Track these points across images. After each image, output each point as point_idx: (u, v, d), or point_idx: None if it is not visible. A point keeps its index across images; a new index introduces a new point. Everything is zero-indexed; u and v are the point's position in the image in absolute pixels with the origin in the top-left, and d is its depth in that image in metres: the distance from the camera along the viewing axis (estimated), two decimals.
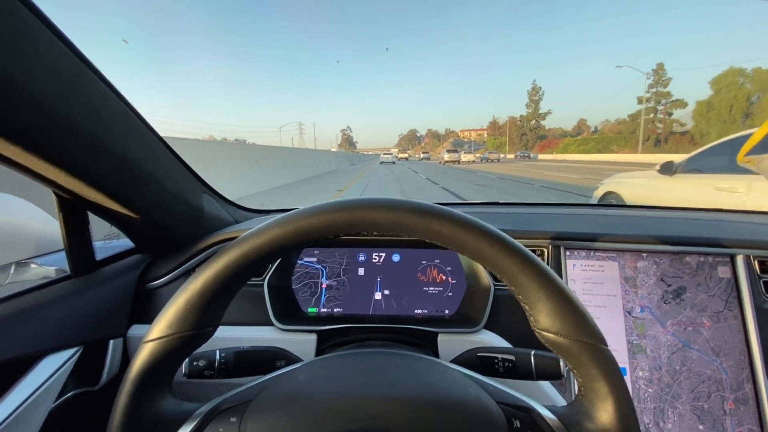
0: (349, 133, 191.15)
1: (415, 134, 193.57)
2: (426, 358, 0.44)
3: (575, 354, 0.35)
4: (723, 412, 0.70)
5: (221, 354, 0.51)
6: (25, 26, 0.40)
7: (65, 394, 0.62)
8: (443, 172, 22.37)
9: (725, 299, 0.74)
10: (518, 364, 0.53)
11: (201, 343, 0.38)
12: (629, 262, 0.77)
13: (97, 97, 0.51)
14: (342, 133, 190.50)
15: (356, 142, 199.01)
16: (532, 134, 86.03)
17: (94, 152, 0.53)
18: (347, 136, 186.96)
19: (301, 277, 0.82)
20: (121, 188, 0.60)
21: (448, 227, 0.35)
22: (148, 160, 0.63)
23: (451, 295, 0.80)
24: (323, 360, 0.44)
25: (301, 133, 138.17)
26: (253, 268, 0.37)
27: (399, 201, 0.36)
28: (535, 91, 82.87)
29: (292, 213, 0.37)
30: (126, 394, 0.35)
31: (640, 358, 0.73)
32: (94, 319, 0.66)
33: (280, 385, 0.40)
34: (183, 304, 0.36)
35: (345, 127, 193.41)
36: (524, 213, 0.98)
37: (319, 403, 0.37)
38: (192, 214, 0.80)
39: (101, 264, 0.74)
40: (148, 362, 0.35)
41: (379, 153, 62.93)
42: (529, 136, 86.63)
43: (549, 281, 0.35)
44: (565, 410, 0.38)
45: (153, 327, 0.36)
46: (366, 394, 0.37)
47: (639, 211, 1.00)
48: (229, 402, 0.39)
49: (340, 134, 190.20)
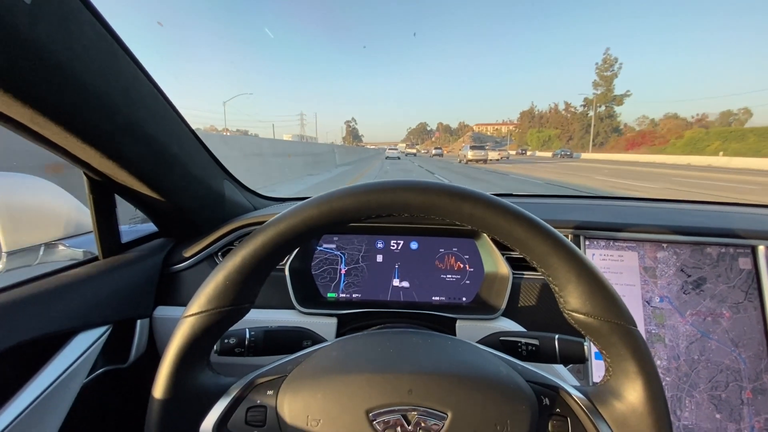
0: (353, 125, 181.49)
1: (425, 128, 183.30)
2: (456, 338, 0.45)
3: (605, 335, 0.35)
4: (740, 401, 0.70)
5: (251, 333, 0.53)
6: (70, 10, 0.41)
7: (96, 370, 0.64)
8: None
9: (745, 290, 0.74)
10: (542, 348, 0.54)
11: (238, 319, 0.39)
12: (649, 253, 0.77)
13: (132, 81, 0.52)
14: (346, 125, 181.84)
15: (362, 136, 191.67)
16: (605, 125, 58.06)
17: (127, 133, 0.54)
18: (352, 129, 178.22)
19: (321, 263, 0.83)
20: (150, 171, 0.62)
21: (479, 209, 0.36)
22: (175, 144, 0.64)
23: (468, 282, 0.81)
24: (354, 338, 0.45)
25: (302, 124, 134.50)
26: (288, 247, 0.38)
27: (431, 183, 0.37)
28: (608, 65, 56.72)
29: (327, 194, 0.37)
30: (167, 366, 0.36)
31: (659, 348, 0.73)
32: (122, 300, 0.68)
33: (314, 360, 0.41)
34: (222, 280, 0.37)
35: (350, 119, 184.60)
36: (544, 203, 0.98)
37: (354, 378, 0.38)
38: (214, 199, 0.81)
39: (127, 247, 0.75)
40: (188, 336, 0.37)
41: (386, 147, 54.45)
42: (600, 127, 58.83)
43: (579, 263, 0.35)
44: (593, 389, 0.39)
45: (192, 302, 0.37)
46: (400, 369, 0.38)
47: (659, 203, 0.99)
48: (265, 376, 0.40)
49: (344, 126, 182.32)
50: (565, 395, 0.39)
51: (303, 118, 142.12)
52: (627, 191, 10.07)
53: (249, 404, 0.39)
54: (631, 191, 10.06)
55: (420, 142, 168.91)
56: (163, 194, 0.68)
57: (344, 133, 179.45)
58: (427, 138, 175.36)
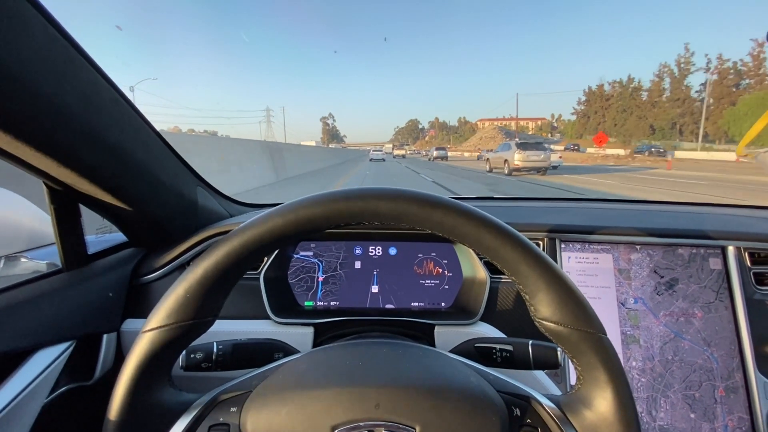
0: (332, 122, 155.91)
1: (416, 126, 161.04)
2: (426, 348, 0.45)
3: (575, 343, 0.35)
4: (714, 400, 0.71)
5: (218, 346, 0.51)
6: (18, 12, 0.39)
7: (58, 389, 0.61)
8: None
9: (716, 290, 0.75)
10: (516, 354, 0.54)
11: (201, 333, 0.38)
12: (623, 255, 0.78)
13: (90, 86, 0.50)
14: (322, 122, 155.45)
15: (344, 136, 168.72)
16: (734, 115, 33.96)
17: (86, 141, 0.52)
18: (330, 127, 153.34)
19: (298, 271, 0.82)
20: (114, 179, 0.60)
21: (450, 217, 0.35)
22: (140, 151, 0.62)
23: (447, 287, 0.80)
24: (324, 350, 0.44)
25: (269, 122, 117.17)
26: (253, 257, 0.37)
27: (401, 191, 0.36)
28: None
29: (293, 203, 0.36)
30: (124, 384, 0.35)
31: (634, 349, 0.74)
32: (87, 314, 0.65)
33: (281, 375, 0.40)
34: (182, 293, 0.35)
35: (326, 115, 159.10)
36: (520, 207, 0.99)
37: (321, 393, 0.36)
38: (186, 206, 0.79)
39: (93, 258, 0.73)
40: (147, 352, 0.35)
41: (370, 149, 48.77)
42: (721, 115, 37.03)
43: (549, 271, 0.35)
44: (565, 399, 0.39)
45: (152, 316, 0.35)
46: (368, 382, 0.37)
47: (633, 204, 1.01)
48: (229, 392, 0.39)
49: (321, 125, 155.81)
50: (536, 405, 0.39)
51: (270, 114, 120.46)
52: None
53: (211, 422, 0.37)
54: None
55: (411, 142, 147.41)
56: (131, 203, 0.65)
57: (321, 132, 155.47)
58: (420, 137, 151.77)
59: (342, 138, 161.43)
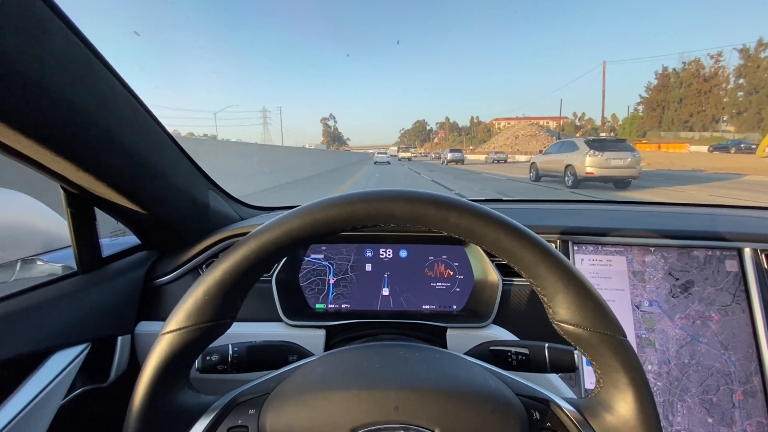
0: (332, 124, 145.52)
1: (423, 127, 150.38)
2: (443, 351, 0.44)
3: (595, 345, 0.35)
4: (732, 404, 0.70)
5: (234, 348, 0.51)
6: (39, 19, 0.40)
7: (74, 390, 0.61)
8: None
9: (733, 293, 0.74)
10: (532, 357, 0.53)
11: (219, 335, 0.38)
12: (637, 257, 0.77)
13: (108, 90, 0.51)
14: (323, 123, 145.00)
15: (348, 139, 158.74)
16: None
17: (104, 145, 0.52)
18: (331, 129, 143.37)
19: (309, 274, 0.82)
20: (130, 183, 0.60)
21: (466, 218, 0.35)
22: (155, 155, 0.63)
23: (458, 290, 0.80)
24: (341, 352, 0.43)
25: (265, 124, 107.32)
26: (271, 259, 0.37)
27: (417, 192, 0.36)
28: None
29: (310, 205, 0.36)
30: (144, 386, 0.35)
31: (649, 352, 0.73)
32: (101, 316, 0.66)
33: (299, 376, 0.40)
34: (202, 295, 0.35)
35: (327, 116, 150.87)
36: (532, 209, 0.98)
37: (340, 395, 0.36)
38: (198, 210, 0.79)
39: (108, 261, 0.73)
40: (166, 354, 0.35)
41: (375, 152, 47.62)
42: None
43: (568, 273, 0.35)
44: (585, 402, 0.38)
45: (171, 318, 0.36)
46: (387, 385, 0.37)
47: (646, 206, 1.00)
48: (248, 394, 0.39)
49: (321, 126, 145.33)
50: (556, 408, 0.38)
51: (266, 115, 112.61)
52: None
53: (230, 424, 0.37)
54: None
55: (419, 144, 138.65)
56: (145, 206, 0.66)
57: (322, 135, 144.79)
58: (427, 139, 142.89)
59: (345, 141, 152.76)
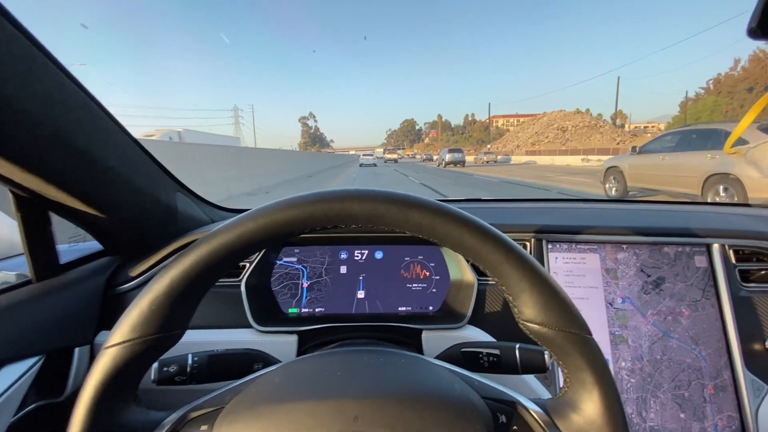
0: (313, 123, 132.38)
1: (412, 126, 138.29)
2: (409, 355, 0.43)
3: (560, 344, 0.34)
4: (703, 399, 0.71)
5: (194, 358, 0.49)
6: None
7: (26, 407, 0.58)
8: None
9: (702, 288, 0.75)
10: (503, 358, 0.52)
11: (168, 347, 0.36)
12: (610, 254, 0.77)
13: (55, 88, 0.48)
14: (302, 122, 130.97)
15: (331, 141, 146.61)
16: None
17: (53, 146, 0.49)
18: (311, 129, 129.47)
19: (281, 277, 0.79)
20: (84, 186, 0.57)
21: (428, 217, 0.34)
22: (113, 156, 0.60)
23: (435, 291, 0.79)
24: (301, 361, 0.42)
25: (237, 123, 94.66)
26: (223, 265, 0.35)
27: (377, 191, 0.35)
28: None
29: (264, 206, 0.35)
30: (85, 405, 0.33)
31: (622, 349, 0.73)
32: (57, 326, 0.62)
33: (255, 388, 0.38)
34: (147, 306, 0.33)
35: (306, 115, 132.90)
36: (507, 208, 0.98)
37: (296, 407, 0.35)
38: (164, 213, 0.76)
39: (66, 268, 0.70)
40: (109, 369, 0.33)
41: (360, 153, 46.48)
42: None
43: (533, 271, 0.34)
44: (551, 403, 0.38)
45: (114, 331, 0.33)
46: (346, 394, 0.35)
47: (619, 204, 1.01)
48: (200, 409, 0.37)
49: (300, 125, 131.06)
50: (523, 410, 0.37)
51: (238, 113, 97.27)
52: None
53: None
54: None
55: (408, 145, 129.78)
56: (104, 210, 0.63)
57: (301, 136, 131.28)
58: (417, 139, 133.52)
59: (329, 143, 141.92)
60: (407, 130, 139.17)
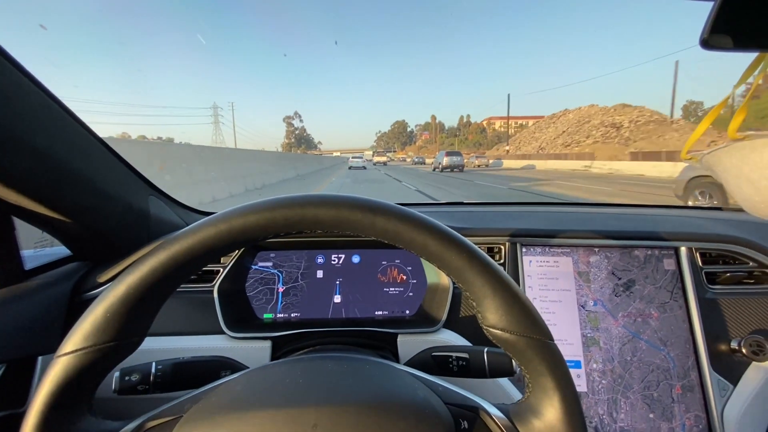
0: (297, 123, 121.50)
1: (404, 128, 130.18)
2: (374, 361, 0.43)
3: (522, 350, 0.34)
4: (671, 399, 0.72)
5: (157, 366, 0.48)
6: None
7: None
8: None
9: (671, 290, 0.77)
10: (472, 362, 0.53)
11: (125, 355, 0.35)
12: (582, 257, 0.79)
13: (10, 87, 0.46)
14: (286, 122, 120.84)
15: (319, 143, 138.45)
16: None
17: (9, 149, 0.48)
18: (296, 130, 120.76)
19: (256, 282, 0.79)
20: (46, 189, 0.55)
21: (393, 223, 0.34)
22: (77, 158, 0.58)
23: (411, 295, 0.79)
24: (264, 368, 0.41)
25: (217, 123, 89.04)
26: (184, 271, 0.34)
27: (342, 197, 0.35)
28: None
29: (227, 211, 0.34)
30: (35, 416, 0.32)
31: (594, 351, 0.74)
32: (19, 335, 0.60)
33: (215, 397, 0.37)
34: (102, 313, 0.32)
35: (291, 114, 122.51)
36: (484, 211, 0.99)
37: (256, 415, 0.34)
38: (135, 217, 0.75)
39: (31, 274, 0.68)
40: (61, 379, 0.32)
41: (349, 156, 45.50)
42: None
43: (495, 277, 0.34)
44: (514, 408, 0.38)
45: (67, 339, 0.32)
46: (306, 401, 0.35)
47: (592, 208, 1.03)
48: (158, 418, 0.36)
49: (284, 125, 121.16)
50: (485, 416, 0.37)
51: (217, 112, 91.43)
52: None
53: None
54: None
55: (399, 147, 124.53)
56: (69, 215, 0.61)
57: (285, 136, 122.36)
58: (408, 142, 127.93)
59: (316, 145, 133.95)
60: (398, 131, 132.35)
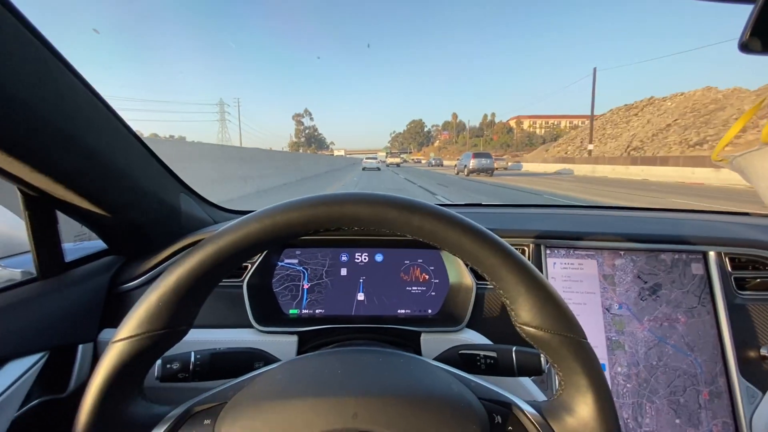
0: (307, 122, 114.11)
1: (421, 128, 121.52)
2: (408, 356, 0.44)
3: (555, 348, 0.35)
4: (698, 405, 0.71)
5: (196, 356, 0.50)
6: None
7: (30, 401, 0.59)
8: None
9: (698, 295, 0.76)
10: (500, 360, 0.53)
11: (174, 343, 0.37)
12: (607, 260, 0.78)
13: (66, 89, 0.49)
14: (296, 120, 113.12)
15: (332, 143, 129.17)
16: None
17: (63, 147, 0.50)
18: (306, 129, 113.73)
19: (282, 279, 0.80)
20: (92, 185, 0.58)
21: (429, 222, 0.35)
22: (120, 157, 0.61)
23: (434, 294, 0.80)
24: (303, 359, 0.43)
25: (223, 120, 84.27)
26: (229, 264, 0.36)
27: (381, 195, 0.36)
28: None
29: (271, 207, 0.36)
30: (92, 397, 0.34)
31: (619, 354, 0.74)
32: (61, 323, 0.63)
33: (257, 385, 0.39)
34: (155, 302, 0.34)
35: (300, 112, 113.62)
36: (507, 213, 0.99)
37: (297, 403, 0.35)
38: (168, 213, 0.78)
39: (71, 266, 0.71)
40: (116, 363, 0.34)
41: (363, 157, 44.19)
42: None
43: (529, 275, 0.35)
44: (546, 405, 0.38)
45: (122, 326, 0.34)
46: (345, 392, 0.36)
47: (616, 211, 1.02)
48: (203, 404, 0.38)
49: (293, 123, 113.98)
50: (518, 412, 0.38)
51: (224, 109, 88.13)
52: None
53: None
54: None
55: (415, 148, 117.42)
56: (110, 210, 0.64)
57: (294, 135, 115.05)
58: (425, 143, 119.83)
59: (328, 145, 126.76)
60: (415, 131, 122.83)
